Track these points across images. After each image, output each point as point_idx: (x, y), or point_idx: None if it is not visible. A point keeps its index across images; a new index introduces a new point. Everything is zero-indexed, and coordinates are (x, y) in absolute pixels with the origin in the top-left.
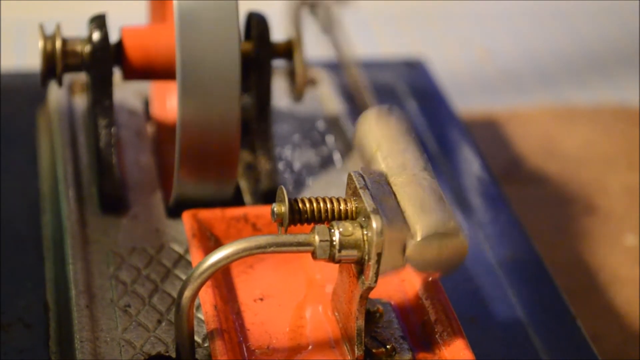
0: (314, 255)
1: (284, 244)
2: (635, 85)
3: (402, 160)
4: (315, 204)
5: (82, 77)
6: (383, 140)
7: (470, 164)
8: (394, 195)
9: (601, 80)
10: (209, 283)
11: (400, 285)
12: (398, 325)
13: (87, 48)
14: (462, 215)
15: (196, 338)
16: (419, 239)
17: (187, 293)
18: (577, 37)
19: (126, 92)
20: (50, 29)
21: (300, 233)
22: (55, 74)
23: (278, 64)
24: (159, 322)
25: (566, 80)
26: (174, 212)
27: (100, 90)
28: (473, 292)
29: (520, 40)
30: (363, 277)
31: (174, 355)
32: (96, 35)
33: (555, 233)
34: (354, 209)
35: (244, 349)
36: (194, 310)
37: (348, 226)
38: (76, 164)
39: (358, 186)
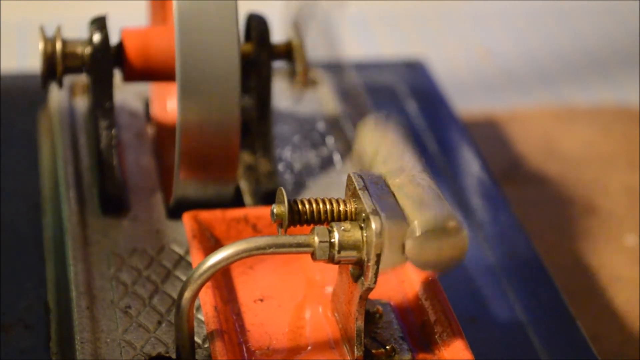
0: (313, 256)
1: (283, 245)
2: (636, 86)
3: (400, 163)
4: (314, 205)
5: (82, 78)
6: (381, 146)
7: (470, 165)
8: (393, 195)
9: (601, 80)
10: (209, 284)
11: (400, 285)
12: (398, 326)
13: (88, 50)
14: (462, 215)
15: (196, 339)
16: (418, 233)
17: (187, 294)
18: (577, 37)
19: (127, 94)
20: (50, 31)
21: (300, 234)
22: (55, 75)
23: (278, 65)
24: (159, 323)
25: (566, 80)
26: (175, 213)
27: (101, 92)
28: (472, 292)
29: (520, 40)
30: (362, 278)
31: (174, 356)
32: (97, 37)
33: (555, 233)
34: (353, 210)
35: (244, 349)
36: (194, 311)
37: (347, 227)
38: (77, 165)
39: (357, 187)
